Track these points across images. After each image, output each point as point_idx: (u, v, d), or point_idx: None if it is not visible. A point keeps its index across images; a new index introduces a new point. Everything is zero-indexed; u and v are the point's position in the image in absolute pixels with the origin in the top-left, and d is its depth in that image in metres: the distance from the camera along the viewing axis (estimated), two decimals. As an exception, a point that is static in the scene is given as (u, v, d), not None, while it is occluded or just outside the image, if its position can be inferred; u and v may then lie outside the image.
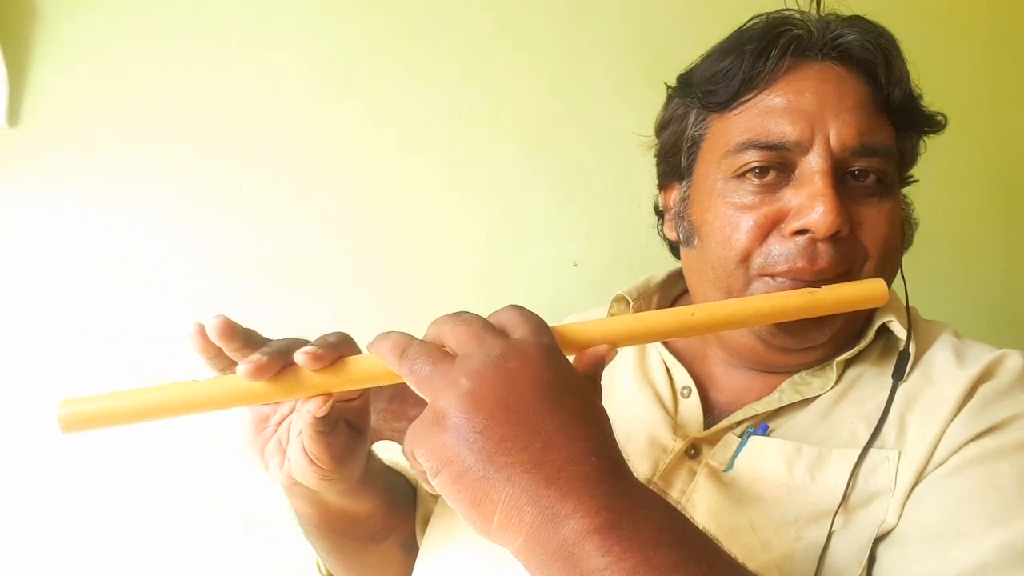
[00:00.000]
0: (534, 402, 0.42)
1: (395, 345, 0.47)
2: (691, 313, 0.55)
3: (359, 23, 1.08)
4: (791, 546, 0.57)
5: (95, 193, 1.01)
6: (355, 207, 1.09)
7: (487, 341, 0.44)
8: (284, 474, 0.58)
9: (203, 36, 1.04)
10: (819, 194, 0.60)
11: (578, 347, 0.50)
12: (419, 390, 0.45)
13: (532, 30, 1.13)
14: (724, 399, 0.70)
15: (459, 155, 1.11)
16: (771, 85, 0.64)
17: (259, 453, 0.59)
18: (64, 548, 1.00)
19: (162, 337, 1.03)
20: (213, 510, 1.04)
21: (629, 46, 1.15)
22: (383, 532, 0.73)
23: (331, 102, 1.08)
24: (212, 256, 1.05)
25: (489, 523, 0.41)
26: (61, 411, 0.48)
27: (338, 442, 0.56)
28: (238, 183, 1.05)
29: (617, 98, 1.14)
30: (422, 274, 1.11)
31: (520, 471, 0.40)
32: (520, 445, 0.41)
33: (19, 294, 1.00)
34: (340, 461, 0.57)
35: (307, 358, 0.50)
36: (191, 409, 0.51)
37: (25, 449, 0.99)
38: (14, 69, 0.98)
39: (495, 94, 1.12)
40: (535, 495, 0.40)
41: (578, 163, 1.14)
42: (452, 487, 0.41)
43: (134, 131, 1.02)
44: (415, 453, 0.43)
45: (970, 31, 1.29)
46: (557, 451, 0.41)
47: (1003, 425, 0.57)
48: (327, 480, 0.58)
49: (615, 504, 0.40)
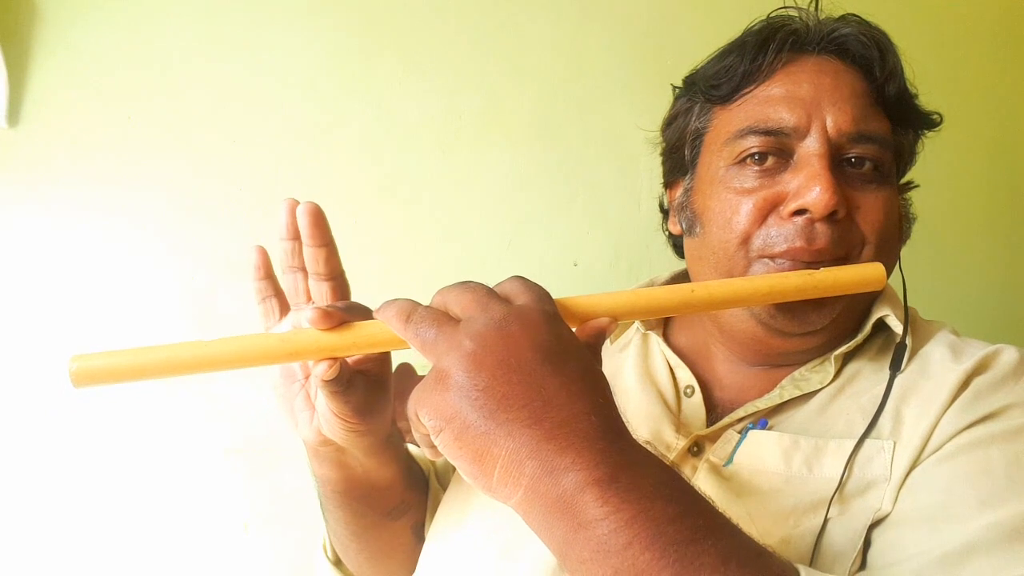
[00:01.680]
0: (535, 363, 0.43)
1: (401, 310, 0.48)
2: (691, 290, 0.56)
3: (359, 23, 1.09)
4: (788, 533, 0.58)
5: (94, 193, 1.01)
6: (355, 207, 1.09)
7: (491, 306, 0.46)
8: (314, 429, 0.60)
9: (203, 36, 1.04)
10: (816, 175, 0.62)
11: (580, 319, 0.51)
12: (423, 352, 0.46)
13: (532, 30, 1.13)
14: (726, 397, 0.71)
15: (459, 155, 1.12)
16: (770, 78, 0.67)
17: (289, 409, 0.61)
18: (65, 548, 1.00)
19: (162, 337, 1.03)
20: (213, 510, 1.04)
21: (629, 46, 1.15)
22: (400, 507, 0.74)
23: (331, 102, 1.08)
24: (212, 256, 1.05)
25: (490, 477, 0.42)
26: (72, 365, 0.49)
27: (356, 397, 0.58)
28: (238, 183, 1.05)
29: (617, 98, 1.14)
30: (422, 274, 1.11)
31: (521, 426, 0.41)
32: (521, 403, 0.42)
33: (19, 293, 1.00)
34: (363, 413, 0.59)
35: (316, 314, 0.51)
36: (200, 367, 0.52)
37: (25, 449, 0.99)
38: (14, 69, 0.98)
39: (495, 94, 1.12)
40: (535, 449, 0.41)
41: (578, 163, 1.15)
42: (454, 443, 0.42)
43: (134, 131, 1.02)
44: (418, 413, 0.44)
45: (972, 31, 1.29)
46: (557, 409, 0.42)
47: (996, 414, 0.58)
48: (354, 432, 0.59)
49: (613, 459, 0.41)
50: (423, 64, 1.10)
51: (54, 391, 0.99)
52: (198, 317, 1.04)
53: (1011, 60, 1.31)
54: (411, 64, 1.10)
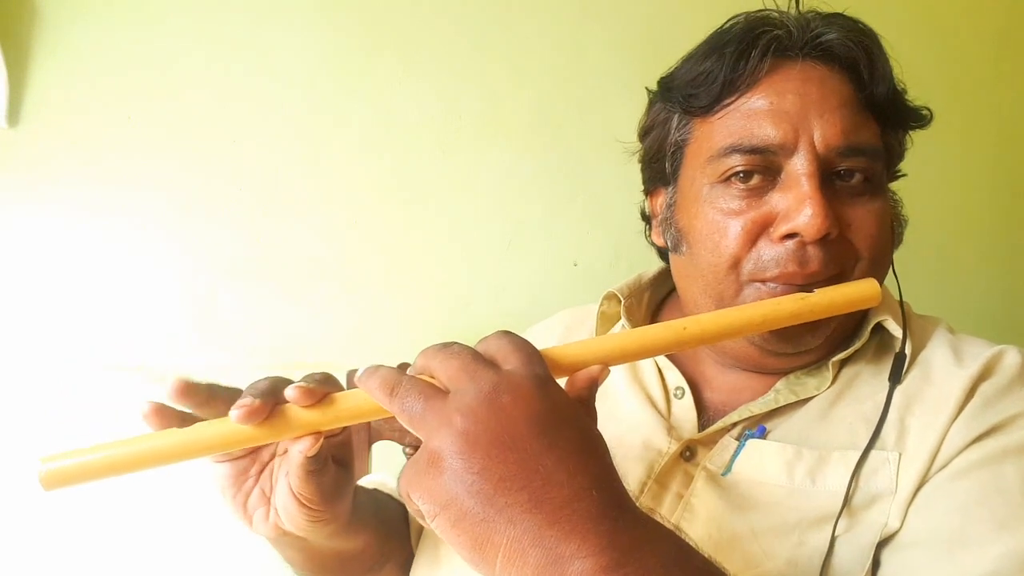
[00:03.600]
0: (530, 437, 0.41)
1: (384, 382, 0.45)
2: (683, 327, 0.54)
3: (359, 23, 1.08)
4: (794, 552, 0.57)
5: (94, 193, 1.01)
6: (355, 207, 1.09)
7: (478, 374, 0.43)
8: (270, 525, 0.57)
9: (203, 36, 1.04)
10: (806, 197, 0.59)
11: (570, 370, 0.49)
12: (412, 429, 0.44)
13: (532, 30, 1.13)
14: (718, 399, 0.69)
15: (459, 155, 1.11)
16: (752, 87, 0.63)
17: (241, 507, 0.57)
18: (65, 548, 1.00)
19: (162, 337, 1.03)
20: (213, 510, 1.03)
21: (629, 46, 1.15)
22: (379, 562, 0.73)
23: (331, 102, 1.08)
24: (212, 256, 1.05)
25: (492, 567, 0.40)
26: (42, 468, 0.47)
27: (327, 480, 0.55)
28: (238, 183, 1.05)
29: (617, 98, 1.14)
30: (422, 274, 1.11)
31: (521, 512, 0.39)
32: (519, 484, 0.40)
33: (19, 293, 1.00)
34: (330, 500, 0.56)
35: (298, 392, 0.49)
36: (179, 457, 0.49)
37: (24, 450, 0.99)
38: (14, 69, 0.98)
39: (495, 94, 1.12)
40: (537, 536, 0.39)
41: (578, 163, 1.14)
42: (451, 531, 0.40)
43: (134, 131, 1.02)
44: (411, 496, 0.42)
45: (972, 31, 1.29)
46: (557, 488, 0.40)
47: (1005, 425, 0.57)
48: (317, 522, 0.56)
49: (619, 541, 0.39)
50: (423, 64, 1.10)
51: (54, 391, 0.99)
52: (198, 317, 1.04)
53: (1011, 60, 1.31)
54: (411, 64, 1.10)
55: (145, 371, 1.01)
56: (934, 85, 0.70)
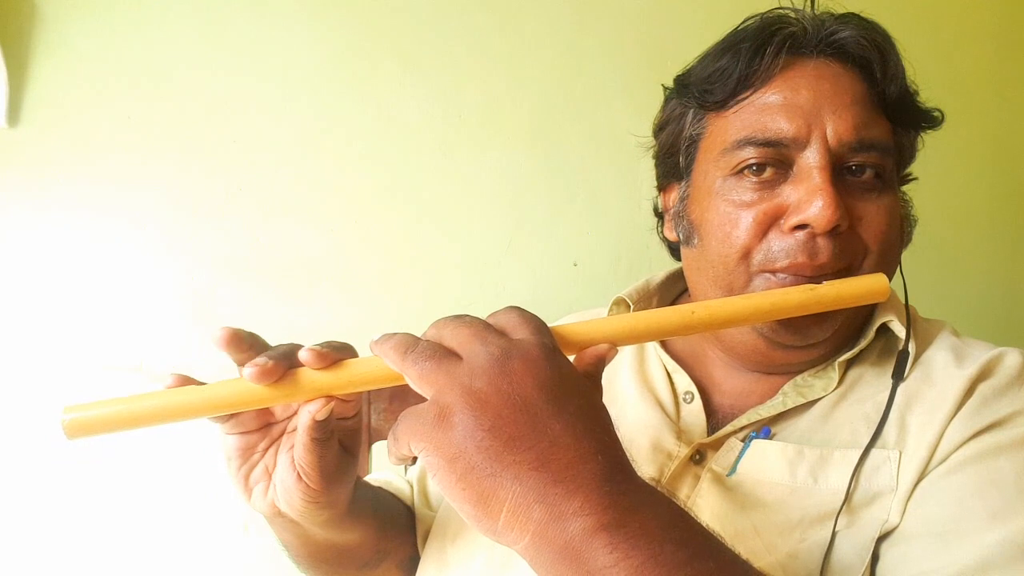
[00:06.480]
0: (540, 402, 0.42)
1: (399, 343, 0.47)
2: (691, 311, 0.54)
3: (359, 23, 1.09)
4: (795, 547, 0.57)
5: (95, 193, 1.02)
6: (355, 207, 1.09)
7: (489, 340, 0.44)
8: (268, 502, 0.58)
9: (203, 36, 1.04)
10: (817, 189, 0.60)
11: (578, 347, 0.50)
12: (420, 384, 0.45)
13: (532, 30, 1.13)
14: (726, 402, 0.70)
15: (459, 155, 1.12)
16: (767, 83, 0.64)
17: (243, 479, 0.58)
18: (65, 548, 1.00)
19: (162, 337, 1.03)
20: (213, 510, 1.04)
21: (629, 46, 1.15)
22: (376, 558, 0.73)
23: (331, 102, 1.08)
24: (212, 256, 1.05)
25: (495, 521, 0.41)
26: (65, 417, 0.48)
27: (330, 457, 0.56)
28: (238, 183, 1.05)
29: (617, 98, 1.14)
30: (422, 274, 1.11)
31: (527, 469, 0.40)
32: (527, 444, 0.41)
33: (19, 293, 1.00)
34: (329, 480, 0.56)
35: (311, 355, 0.50)
36: (195, 413, 0.50)
37: (24, 450, 0.99)
38: (14, 69, 0.98)
39: (495, 94, 1.12)
40: (542, 493, 0.40)
41: (578, 163, 1.15)
42: (457, 484, 0.41)
43: (134, 131, 1.02)
44: (413, 446, 0.42)
45: (972, 31, 1.29)
46: (564, 450, 0.41)
47: (1002, 422, 0.58)
48: (312, 503, 0.57)
49: (621, 502, 0.40)
50: (423, 64, 1.10)
51: (54, 391, 0.99)
52: (198, 317, 1.04)
53: (1012, 60, 1.31)
54: (411, 64, 1.10)
55: (145, 371, 1.01)
56: (934, 85, 0.70)
